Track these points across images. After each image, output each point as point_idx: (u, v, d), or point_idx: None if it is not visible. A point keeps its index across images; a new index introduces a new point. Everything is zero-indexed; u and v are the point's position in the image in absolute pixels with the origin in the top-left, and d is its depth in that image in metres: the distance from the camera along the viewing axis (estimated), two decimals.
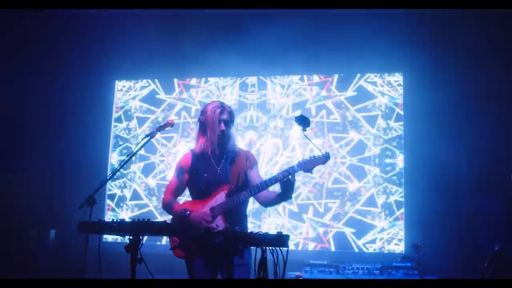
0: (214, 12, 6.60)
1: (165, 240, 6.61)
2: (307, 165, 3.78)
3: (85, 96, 7.34)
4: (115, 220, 3.31)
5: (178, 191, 4.11)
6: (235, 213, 3.86)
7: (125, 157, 7.07)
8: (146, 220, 3.25)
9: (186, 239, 3.51)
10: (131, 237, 3.27)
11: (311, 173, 3.83)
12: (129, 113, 7.44)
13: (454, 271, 5.25)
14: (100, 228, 3.37)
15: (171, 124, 4.03)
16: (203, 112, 4.05)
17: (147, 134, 3.93)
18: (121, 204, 7.22)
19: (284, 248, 3.14)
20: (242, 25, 6.75)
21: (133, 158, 7.21)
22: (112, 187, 7.27)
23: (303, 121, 3.79)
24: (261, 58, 6.90)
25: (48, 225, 7.03)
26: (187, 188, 4.08)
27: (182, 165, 4.08)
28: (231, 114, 4.03)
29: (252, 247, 3.46)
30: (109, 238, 6.83)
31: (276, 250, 3.19)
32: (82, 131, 7.24)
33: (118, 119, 7.45)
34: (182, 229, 3.59)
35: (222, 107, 4.01)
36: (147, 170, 7.22)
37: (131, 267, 3.23)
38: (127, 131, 7.38)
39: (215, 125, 3.94)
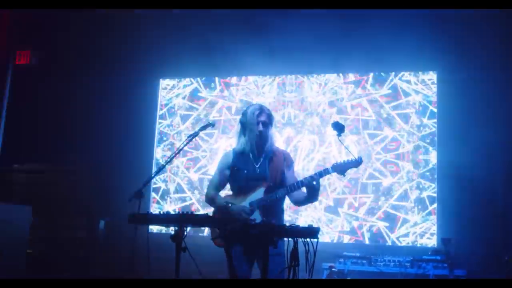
0: (252, 12, 6.91)
1: (207, 231, 6.95)
2: (341, 168, 4.06)
3: (131, 94, 7.74)
4: (161, 213, 3.66)
5: (220, 186, 4.43)
6: (272, 208, 4.16)
7: (169, 152, 7.49)
8: (189, 212, 3.58)
9: (225, 230, 3.83)
10: (176, 228, 3.62)
11: (344, 175, 4.10)
12: (173, 110, 7.82)
13: (483, 267, 5.41)
14: (149, 220, 3.73)
15: (212, 125, 4.37)
16: (243, 114, 4.35)
17: (190, 134, 4.27)
18: (166, 197, 7.62)
19: (315, 240, 3.42)
20: (279, 25, 7.02)
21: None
22: (157, 181, 7.67)
23: (339, 127, 4.06)
24: (299, 57, 7.18)
25: (98, 215, 7.46)
26: (228, 183, 4.41)
27: (224, 162, 4.40)
28: (269, 117, 4.32)
29: (286, 239, 3.77)
30: (154, 229, 7.22)
31: (308, 241, 3.48)
32: (129, 127, 7.66)
33: (163, 116, 7.85)
34: (222, 220, 3.90)
35: (261, 109, 4.30)
36: (190, 165, 7.58)
37: (176, 255, 3.57)
38: (171, 128, 7.76)
39: (254, 126, 4.24)
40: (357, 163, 4.06)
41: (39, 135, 7.79)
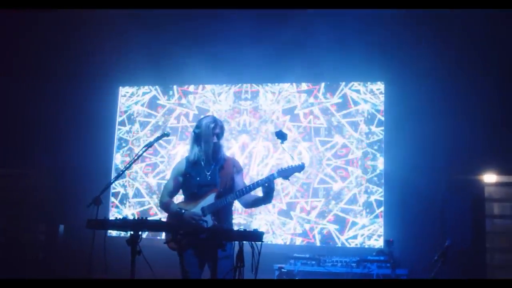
0: (208, 22, 7.19)
1: (164, 235, 7.15)
2: (285, 173, 4.39)
3: (91, 101, 7.90)
4: (118, 218, 3.89)
5: (173, 192, 4.69)
6: (222, 213, 4.44)
7: (128, 158, 7.69)
8: (144, 218, 3.83)
9: (177, 234, 4.07)
10: (132, 232, 3.85)
11: (289, 180, 4.43)
12: (132, 117, 8.01)
13: (423, 267, 5.71)
14: (106, 225, 3.97)
15: (167, 134, 4.62)
16: (198, 126, 4.61)
17: (146, 144, 4.51)
18: (124, 202, 7.81)
19: (259, 242, 3.71)
20: (235, 35, 7.32)
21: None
22: (116, 186, 7.85)
23: (282, 136, 4.37)
24: (255, 66, 7.48)
25: (57, 220, 7.60)
26: (181, 190, 4.67)
27: (177, 170, 4.67)
28: (222, 128, 4.62)
29: (234, 242, 4.05)
30: (113, 232, 7.39)
31: (255, 244, 3.77)
32: (89, 133, 7.83)
33: (122, 123, 8.04)
34: (173, 225, 4.15)
35: (215, 122, 4.58)
36: (149, 170, 7.79)
37: (131, 258, 3.81)
38: (130, 134, 7.95)
39: (210, 137, 4.52)
40: (300, 168, 4.39)
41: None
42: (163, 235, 7.13)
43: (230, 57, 7.50)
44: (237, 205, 6.51)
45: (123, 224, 3.86)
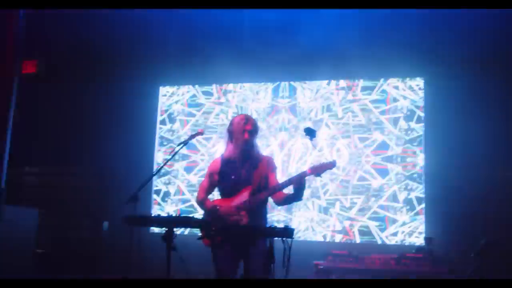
0: (247, 21, 7.24)
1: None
2: (317, 170, 4.37)
3: (133, 101, 8.08)
4: (153, 215, 3.99)
5: (209, 190, 4.77)
6: (256, 210, 4.48)
7: (169, 156, 7.82)
8: (177, 215, 3.92)
9: (210, 231, 4.13)
10: (166, 229, 3.95)
11: (321, 177, 4.41)
12: (172, 116, 8.15)
13: (464, 265, 5.62)
14: (141, 222, 4.07)
15: (201, 133, 4.70)
16: (230, 124, 4.68)
17: (180, 142, 4.60)
18: (166, 199, 7.95)
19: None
20: (274, 34, 7.34)
21: (176, 157, 7.96)
22: (158, 184, 8.01)
23: (310, 132, 4.37)
24: (293, 64, 7.50)
25: (101, 217, 7.81)
26: (216, 187, 4.74)
27: (212, 169, 4.74)
28: (254, 126, 4.65)
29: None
30: (155, 229, 7.55)
31: (286, 240, 3.80)
32: (131, 133, 8.01)
33: (163, 122, 8.19)
34: (206, 222, 4.22)
35: (246, 119, 4.63)
36: (189, 168, 7.91)
37: (167, 253, 3.91)
38: (170, 133, 8.09)
39: (240, 134, 4.57)
40: (331, 165, 4.36)
41: (46, 139, 8.17)
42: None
43: (268, 55, 7.51)
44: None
45: (157, 220, 3.96)
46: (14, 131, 7.52)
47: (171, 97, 8.23)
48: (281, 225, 3.81)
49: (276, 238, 4.00)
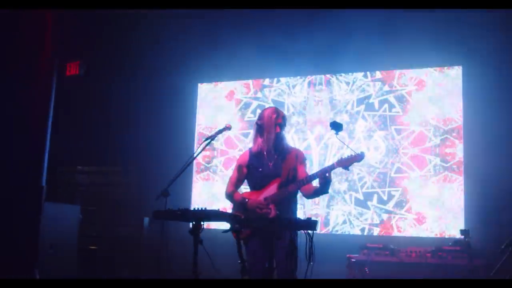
0: (279, 14, 7.25)
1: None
2: (345, 163, 4.36)
3: (172, 100, 8.25)
4: (180, 209, 4.07)
5: (238, 183, 4.83)
6: (285, 202, 4.51)
7: (208, 152, 7.93)
8: (203, 209, 3.98)
9: (236, 223, 4.18)
10: (193, 223, 4.02)
11: (348, 169, 4.40)
12: (211, 112, 8.26)
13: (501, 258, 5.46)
14: (169, 216, 4.16)
15: (228, 128, 4.75)
16: (260, 117, 4.72)
17: (207, 137, 4.67)
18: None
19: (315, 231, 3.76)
20: (307, 27, 7.33)
21: (215, 152, 8.08)
22: (197, 179, 8.13)
23: (336, 126, 4.36)
24: (328, 57, 7.47)
25: (144, 213, 7.99)
26: (245, 180, 4.79)
27: (241, 161, 4.80)
28: (284, 119, 4.69)
29: (299, 232, 4.11)
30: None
31: (309, 233, 3.82)
32: (172, 129, 8.18)
33: (201, 118, 8.30)
34: (233, 215, 4.27)
35: (277, 113, 4.67)
36: (228, 163, 8.00)
37: (194, 246, 3.99)
38: (209, 129, 8.20)
39: (272, 128, 4.61)
40: (359, 157, 4.34)
41: (90, 137, 8.42)
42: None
43: (303, 49, 7.50)
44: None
45: (184, 214, 4.04)
46: (60, 130, 7.82)
47: (209, 94, 8.33)
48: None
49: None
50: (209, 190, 8.08)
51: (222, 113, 8.18)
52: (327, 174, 4.29)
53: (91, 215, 7.94)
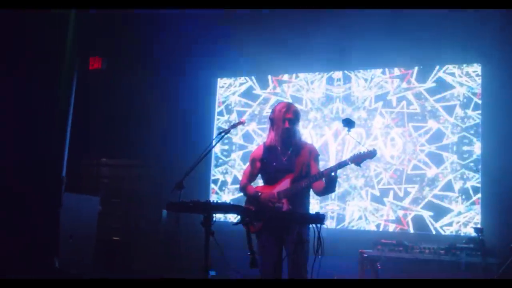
0: (298, 12, 7.27)
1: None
2: (357, 159, 4.39)
3: (192, 94, 8.35)
4: (191, 201, 4.15)
5: (252, 177, 4.89)
6: (297, 197, 4.55)
7: (227, 146, 8.02)
8: (214, 201, 4.06)
9: (246, 216, 4.24)
10: (205, 215, 4.11)
11: (360, 166, 4.43)
12: (230, 107, 8.35)
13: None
14: (181, 208, 4.25)
15: (242, 123, 4.82)
16: (272, 111, 4.77)
17: (221, 131, 4.75)
18: (223, 188, 8.17)
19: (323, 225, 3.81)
20: (325, 24, 7.34)
21: (233, 147, 8.17)
22: (216, 173, 8.23)
23: (349, 123, 4.40)
24: (347, 53, 7.48)
25: (163, 206, 8.11)
26: (259, 174, 4.86)
27: (255, 155, 4.86)
28: (296, 113, 4.71)
29: (311, 227, 4.16)
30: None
31: (317, 227, 3.87)
32: (191, 124, 8.28)
33: (220, 113, 8.40)
34: (242, 208, 4.34)
35: (288, 107, 4.70)
36: (246, 157, 8.07)
37: (205, 238, 4.07)
38: (228, 123, 8.28)
39: (281, 122, 4.66)
40: (371, 154, 4.38)
41: (112, 131, 8.57)
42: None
43: (322, 45, 7.53)
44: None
45: (195, 206, 4.12)
46: (83, 123, 7.99)
47: (229, 89, 8.42)
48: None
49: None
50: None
51: (241, 108, 8.26)
52: (332, 174, 4.33)
53: (112, 207, 8.12)
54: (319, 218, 3.81)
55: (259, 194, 4.62)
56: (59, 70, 6.33)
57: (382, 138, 7.29)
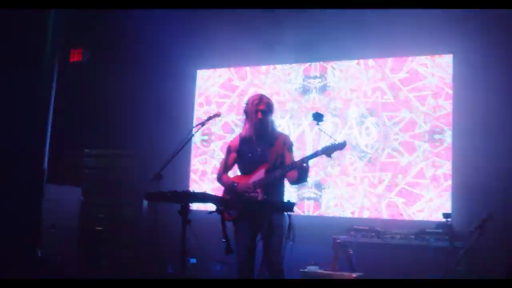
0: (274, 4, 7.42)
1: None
2: (328, 150, 4.60)
3: (173, 85, 8.47)
4: (170, 191, 4.32)
5: (228, 167, 5.08)
6: (271, 187, 4.74)
7: (206, 137, 8.17)
8: (191, 191, 4.24)
9: (219, 206, 4.42)
10: (182, 204, 4.28)
11: (331, 157, 4.64)
12: (209, 98, 8.50)
13: (484, 241, 5.63)
14: (160, 197, 4.42)
15: (218, 115, 4.99)
16: (246, 104, 4.97)
17: (197, 124, 4.91)
18: (203, 178, 8.34)
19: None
20: (302, 17, 7.51)
21: (213, 137, 8.34)
22: (195, 163, 8.40)
23: (318, 117, 4.59)
24: (323, 45, 7.65)
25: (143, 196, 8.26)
26: (236, 164, 5.04)
27: (231, 146, 5.06)
28: (268, 105, 4.89)
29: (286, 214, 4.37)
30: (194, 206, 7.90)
31: (289, 214, 4.08)
32: (170, 115, 8.40)
33: (200, 104, 8.55)
34: (217, 198, 4.52)
35: (260, 99, 4.89)
36: (225, 148, 8.23)
37: (182, 227, 4.24)
38: (207, 115, 8.41)
39: (254, 114, 4.84)
40: (341, 146, 4.58)
41: (89, 122, 8.68)
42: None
43: (299, 36, 7.68)
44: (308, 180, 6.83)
45: (173, 196, 4.29)
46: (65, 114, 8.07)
47: (208, 80, 8.57)
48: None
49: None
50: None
51: (220, 99, 8.41)
52: (304, 165, 4.53)
53: (94, 197, 8.24)
54: (289, 206, 4.02)
55: (235, 184, 4.81)
56: (39, 59, 6.40)
57: (357, 128, 7.50)
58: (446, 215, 5.86)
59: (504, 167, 6.57)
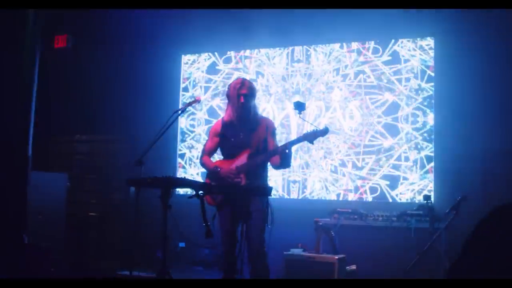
0: None
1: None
2: (310, 137, 4.66)
3: (157, 70, 8.50)
4: (150, 177, 4.38)
5: (211, 152, 5.15)
6: (254, 171, 4.81)
7: (193, 122, 8.20)
8: (171, 176, 4.30)
9: (199, 190, 4.49)
10: (162, 189, 4.34)
11: (313, 143, 4.70)
12: (194, 83, 8.52)
13: (463, 222, 5.69)
14: (140, 183, 4.48)
15: (198, 101, 5.04)
16: (228, 89, 5.01)
17: (177, 110, 4.95)
18: (190, 163, 8.39)
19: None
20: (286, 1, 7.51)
21: (199, 122, 8.37)
22: (182, 148, 8.45)
23: (299, 106, 4.64)
24: (307, 29, 7.67)
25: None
26: (219, 149, 5.10)
27: (214, 131, 5.12)
28: (250, 89, 4.94)
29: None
30: (180, 191, 7.95)
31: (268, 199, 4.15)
32: (156, 100, 8.43)
33: (185, 89, 8.58)
34: (197, 183, 4.60)
35: (242, 83, 4.93)
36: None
37: (163, 211, 4.31)
38: (193, 99, 8.44)
39: (236, 98, 4.89)
40: (324, 132, 4.65)
41: (76, 107, 8.69)
42: None
43: (282, 20, 7.69)
44: (293, 164, 6.93)
45: (154, 182, 4.36)
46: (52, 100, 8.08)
47: (193, 65, 8.58)
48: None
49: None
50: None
51: (205, 84, 8.44)
52: (287, 151, 4.59)
53: (83, 183, 8.28)
54: (267, 190, 4.09)
55: (219, 169, 4.87)
56: (21, 46, 6.39)
57: (340, 111, 7.56)
58: (426, 197, 5.94)
59: (486, 149, 6.65)
